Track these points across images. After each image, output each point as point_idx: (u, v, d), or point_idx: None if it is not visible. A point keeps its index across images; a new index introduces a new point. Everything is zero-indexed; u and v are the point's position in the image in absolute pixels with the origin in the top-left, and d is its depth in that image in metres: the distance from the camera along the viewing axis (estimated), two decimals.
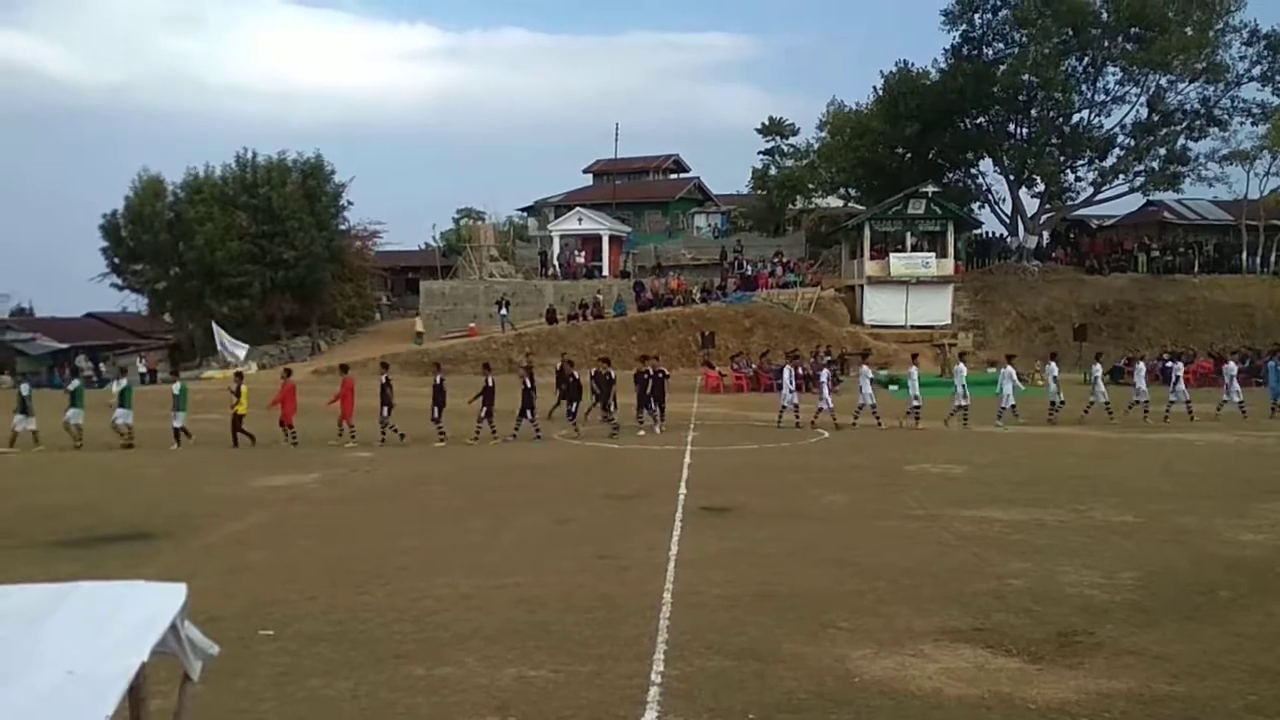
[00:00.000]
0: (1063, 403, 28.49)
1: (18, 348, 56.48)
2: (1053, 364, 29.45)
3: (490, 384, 25.62)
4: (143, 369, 53.43)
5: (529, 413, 25.41)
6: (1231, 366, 30.06)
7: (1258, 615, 10.47)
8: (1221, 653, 9.36)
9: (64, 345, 57.03)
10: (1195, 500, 16.96)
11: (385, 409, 25.24)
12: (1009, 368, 29.07)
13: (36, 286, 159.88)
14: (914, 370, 28.48)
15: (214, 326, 45.51)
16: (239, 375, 29.27)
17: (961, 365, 29.54)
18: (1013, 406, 27.94)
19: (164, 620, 3.92)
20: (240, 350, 44.43)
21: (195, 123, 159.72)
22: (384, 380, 25.63)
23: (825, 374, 28.81)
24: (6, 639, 3.64)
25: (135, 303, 63.91)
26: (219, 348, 44.03)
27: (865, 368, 29.00)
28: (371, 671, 9.12)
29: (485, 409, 25.18)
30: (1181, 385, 29.18)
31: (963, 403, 27.74)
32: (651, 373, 27.34)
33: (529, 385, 25.61)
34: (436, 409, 25.42)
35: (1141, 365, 30.20)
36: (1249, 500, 16.87)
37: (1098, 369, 29.49)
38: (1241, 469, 20.66)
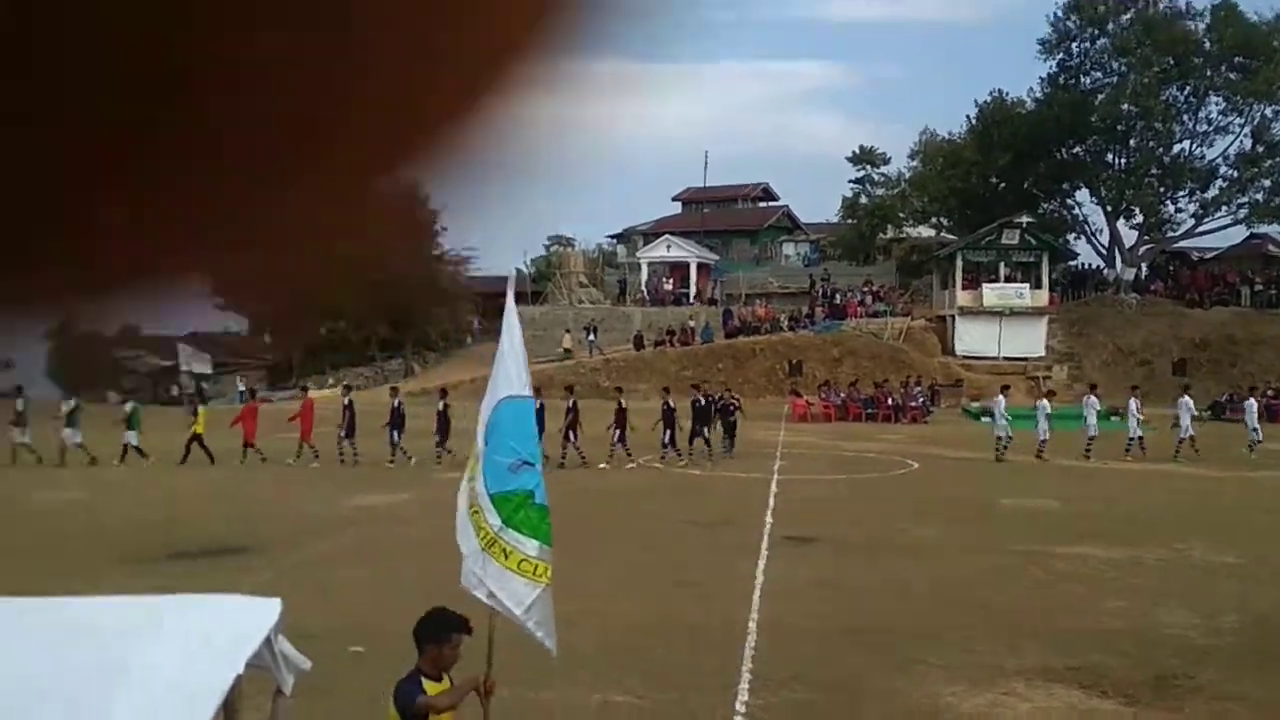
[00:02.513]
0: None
1: (127, 365, 58.16)
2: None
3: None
4: (242, 388, 54.74)
5: (669, 436, 25.75)
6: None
7: None
8: None
9: (169, 363, 58.58)
10: None
11: (438, 437, 25.37)
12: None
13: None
14: (1001, 401, 27.93)
15: (178, 345, 43.41)
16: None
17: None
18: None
19: (259, 634, 4.02)
20: (204, 366, 42.73)
21: None
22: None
23: (1000, 400, 28.08)
24: (107, 650, 3.76)
25: (237, 323, 65.62)
26: (183, 364, 41.22)
27: (1000, 398, 28.31)
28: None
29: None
30: None
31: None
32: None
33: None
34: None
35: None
36: None
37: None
38: None
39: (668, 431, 25.95)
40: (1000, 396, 28.39)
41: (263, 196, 0.63)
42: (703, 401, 26.93)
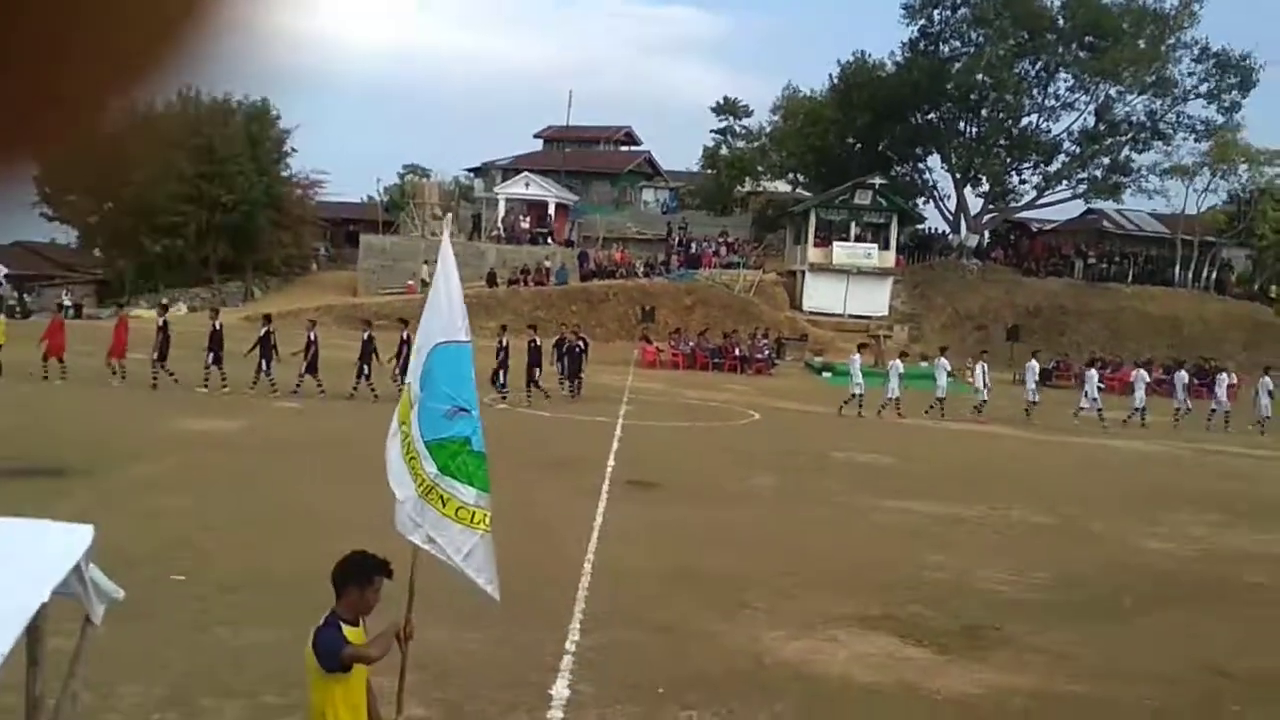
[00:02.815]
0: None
1: None
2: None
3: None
4: (69, 303, 52.26)
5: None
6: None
7: (1160, 621, 10.76)
8: (1122, 656, 9.61)
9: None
10: (1109, 505, 17.35)
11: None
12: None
13: None
14: (856, 359, 28.72)
15: None
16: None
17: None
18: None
19: (68, 561, 3.84)
20: None
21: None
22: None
23: (856, 358, 28.67)
24: None
25: (65, 235, 62.44)
26: None
27: (856, 357, 28.97)
28: (282, 623, 9.02)
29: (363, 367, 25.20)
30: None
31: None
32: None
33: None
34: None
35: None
36: (1160, 509, 17.29)
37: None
38: (1156, 478, 21.16)
39: (500, 372, 25.93)
40: (856, 355, 29.19)
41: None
42: (536, 343, 26.68)
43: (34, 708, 4.15)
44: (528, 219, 58.53)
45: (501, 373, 25.99)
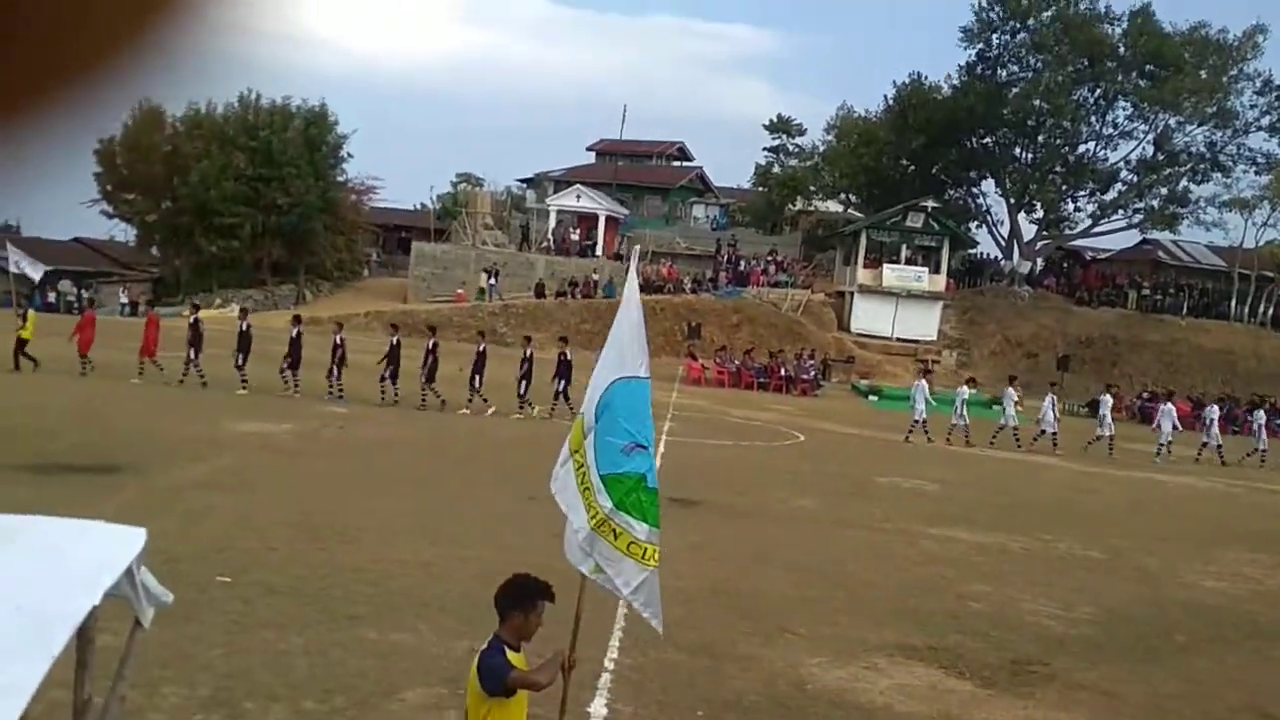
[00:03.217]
0: (1017, 427, 28.49)
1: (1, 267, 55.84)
2: (1010, 390, 29.34)
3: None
4: (124, 300, 53.06)
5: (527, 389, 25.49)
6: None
7: (1210, 662, 10.54)
8: (1171, 696, 9.42)
9: (49, 268, 56.47)
10: (1161, 541, 17.06)
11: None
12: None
13: (24, 204, 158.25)
14: (923, 385, 28.47)
15: (8, 244, 40.64)
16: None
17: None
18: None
19: (120, 564, 3.86)
20: (36, 272, 40.99)
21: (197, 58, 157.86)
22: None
23: (923, 384, 28.51)
24: None
25: (124, 232, 63.47)
26: (11, 267, 38.91)
27: (923, 382, 28.77)
28: (324, 629, 9.07)
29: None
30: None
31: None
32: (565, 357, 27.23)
33: (565, 359, 25.77)
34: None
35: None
36: (1213, 546, 16.98)
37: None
38: (1210, 514, 20.79)
39: (561, 382, 25.75)
40: (921, 381, 28.91)
41: None
42: (567, 356, 26.35)
43: (82, 709, 4.17)
44: (577, 231, 58.73)
45: (524, 384, 25.83)
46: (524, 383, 25.58)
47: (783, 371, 40.82)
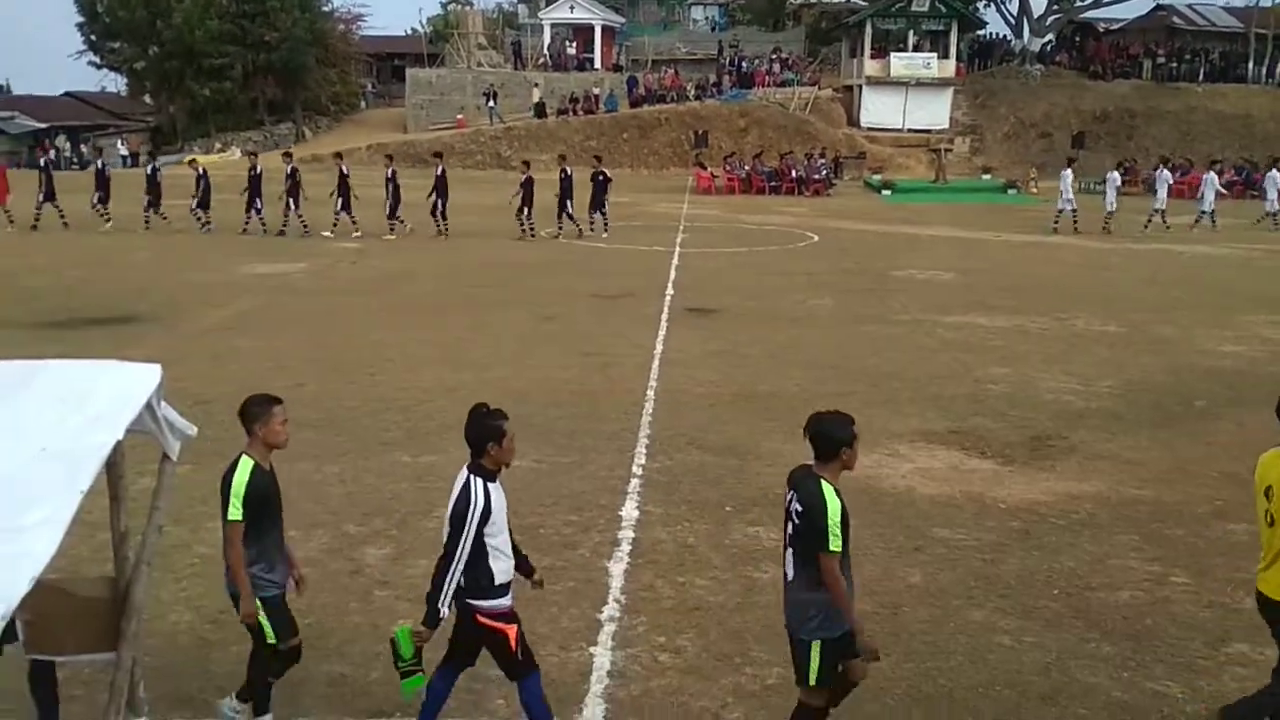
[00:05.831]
0: (1075, 210, 28.09)
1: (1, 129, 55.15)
2: (1067, 171, 28.79)
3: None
4: (124, 151, 52.40)
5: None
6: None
7: (1230, 424, 10.68)
8: (1192, 460, 9.58)
9: (43, 125, 55.65)
10: (1177, 311, 17.08)
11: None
12: (1067, 171, 28.47)
13: (12, 60, 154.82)
14: (1068, 174, 28.05)
15: None
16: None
17: (1068, 171, 28.66)
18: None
19: (139, 399, 3.92)
20: None
21: None
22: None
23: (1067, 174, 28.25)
24: None
25: (114, 82, 62.22)
26: None
27: (1068, 171, 28.40)
28: (359, 457, 9.29)
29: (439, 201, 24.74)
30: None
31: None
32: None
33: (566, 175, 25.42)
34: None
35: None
36: (1230, 312, 16.99)
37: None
38: (1226, 281, 20.71)
39: (567, 202, 25.45)
40: (1067, 170, 28.41)
41: None
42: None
43: (121, 540, 4.31)
44: (574, 44, 57.13)
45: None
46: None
47: (794, 173, 40.21)
